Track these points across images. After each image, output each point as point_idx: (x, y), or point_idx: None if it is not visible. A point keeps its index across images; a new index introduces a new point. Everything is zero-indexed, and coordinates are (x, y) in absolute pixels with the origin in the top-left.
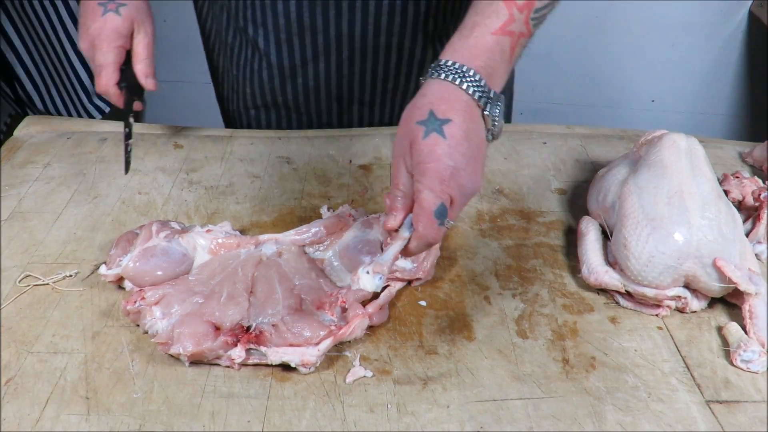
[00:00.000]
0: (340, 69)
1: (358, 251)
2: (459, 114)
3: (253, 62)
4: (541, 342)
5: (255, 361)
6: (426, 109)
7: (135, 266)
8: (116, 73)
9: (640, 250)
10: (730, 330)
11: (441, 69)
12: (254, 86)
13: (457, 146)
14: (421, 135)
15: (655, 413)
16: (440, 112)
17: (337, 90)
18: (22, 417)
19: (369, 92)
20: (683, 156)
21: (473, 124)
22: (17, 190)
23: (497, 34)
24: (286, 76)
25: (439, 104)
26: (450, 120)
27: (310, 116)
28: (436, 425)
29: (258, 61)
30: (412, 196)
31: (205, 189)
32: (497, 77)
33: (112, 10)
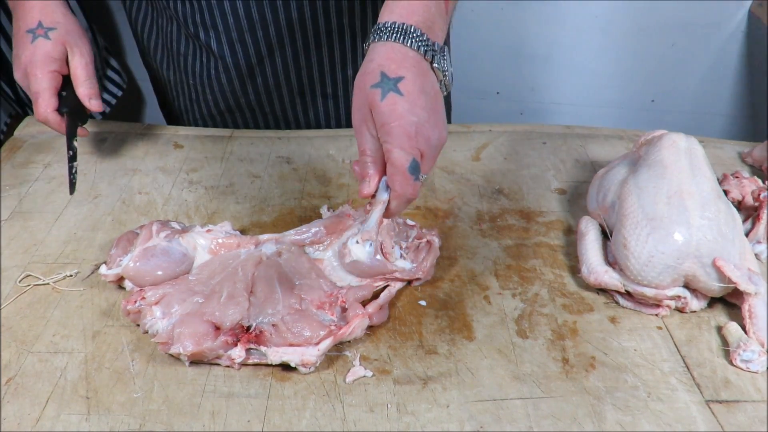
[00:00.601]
0: (297, 61)
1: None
2: (410, 70)
3: (209, 68)
4: (540, 342)
5: (255, 360)
6: (377, 72)
7: (135, 266)
8: (53, 98)
9: (639, 249)
10: (730, 330)
11: (382, 31)
12: (214, 92)
13: (415, 101)
14: (379, 97)
15: (655, 413)
16: (391, 72)
17: (298, 84)
18: (23, 416)
19: (330, 83)
20: (683, 156)
21: (425, 78)
22: (17, 190)
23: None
24: (245, 76)
25: (388, 64)
26: (402, 77)
27: (275, 115)
28: (436, 425)
29: (214, 65)
30: (381, 159)
31: (205, 189)
32: (437, 30)
33: (41, 35)
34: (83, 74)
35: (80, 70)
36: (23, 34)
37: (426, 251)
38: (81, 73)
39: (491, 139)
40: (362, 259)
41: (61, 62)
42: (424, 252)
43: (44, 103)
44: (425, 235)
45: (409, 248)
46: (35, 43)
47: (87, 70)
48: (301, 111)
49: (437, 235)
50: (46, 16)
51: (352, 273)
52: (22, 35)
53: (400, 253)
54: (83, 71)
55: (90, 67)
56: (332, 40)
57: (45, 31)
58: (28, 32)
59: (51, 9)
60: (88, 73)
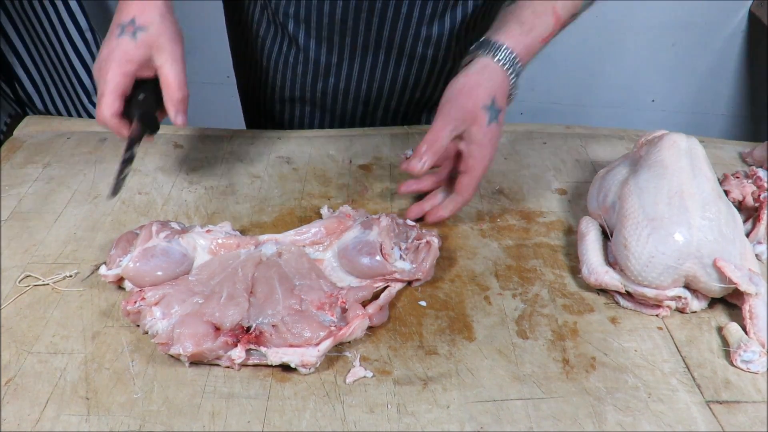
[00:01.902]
0: (374, 72)
1: (357, 252)
2: (504, 105)
3: (288, 55)
4: (541, 342)
5: (255, 361)
6: (489, 96)
7: (135, 266)
8: (116, 102)
9: (640, 250)
10: (730, 330)
11: (507, 57)
12: (285, 78)
13: (500, 133)
14: (486, 120)
15: (655, 413)
16: (499, 102)
17: (366, 93)
18: (22, 417)
19: (396, 99)
20: (683, 156)
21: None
22: (17, 190)
23: (542, 43)
24: (320, 73)
25: (498, 93)
26: (501, 110)
27: (334, 115)
28: (436, 425)
29: (294, 54)
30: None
31: (205, 189)
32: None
33: (128, 32)
34: (174, 83)
35: (172, 77)
36: (114, 27)
37: (426, 252)
38: (173, 81)
39: None
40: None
41: (140, 65)
42: (424, 252)
43: (105, 106)
44: (425, 235)
45: (409, 249)
46: (120, 39)
47: (178, 78)
48: (360, 117)
49: (437, 235)
50: (143, 13)
51: (351, 274)
52: (113, 28)
53: (400, 254)
54: (175, 79)
55: (182, 76)
56: (412, 65)
57: (134, 29)
58: (119, 26)
59: (150, 7)
60: (179, 82)
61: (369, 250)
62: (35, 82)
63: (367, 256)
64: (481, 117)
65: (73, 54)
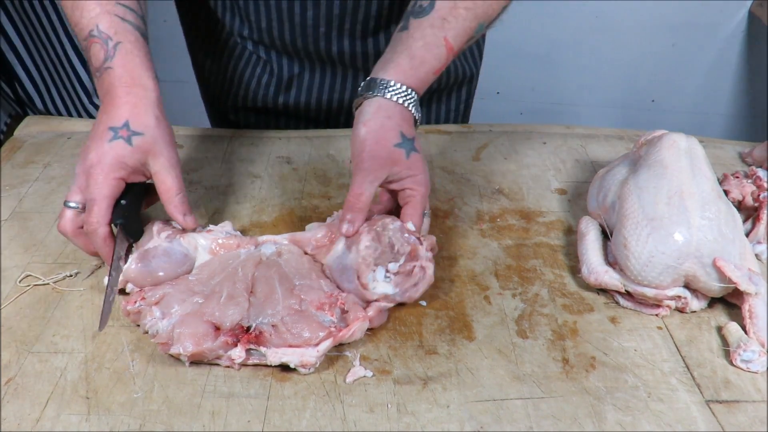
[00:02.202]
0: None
1: (339, 274)
2: (414, 132)
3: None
4: (541, 342)
5: (255, 361)
6: (397, 132)
7: (137, 268)
8: (110, 209)
9: (639, 250)
10: (730, 330)
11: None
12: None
13: (423, 157)
14: (404, 156)
15: (655, 413)
16: (408, 133)
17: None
18: (23, 417)
19: None
20: (683, 156)
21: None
22: (17, 190)
23: (435, 74)
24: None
25: (404, 126)
26: (413, 138)
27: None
28: (436, 425)
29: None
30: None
31: (205, 189)
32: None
33: (122, 137)
34: (174, 186)
35: (170, 182)
36: (104, 129)
37: (420, 277)
38: (172, 185)
39: (491, 139)
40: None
41: (134, 171)
42: (418, 278)
43: (100, 214)
44: (420, 253)
45: (400, 272)
46: (113, 143)
47: (177, 182)
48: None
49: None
50: (137, 117)
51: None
52: (102, 129)
53: (385, 275)
54: (173, 185)
55: (180, 180)
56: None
57: (129, 134)
58: (110, 129)
59: (144, 110)
60: (179, 186)
61: (348, 276)
62: (35, 82)
63: (346, 282)
64: (398, 155)
65: (74, 54)
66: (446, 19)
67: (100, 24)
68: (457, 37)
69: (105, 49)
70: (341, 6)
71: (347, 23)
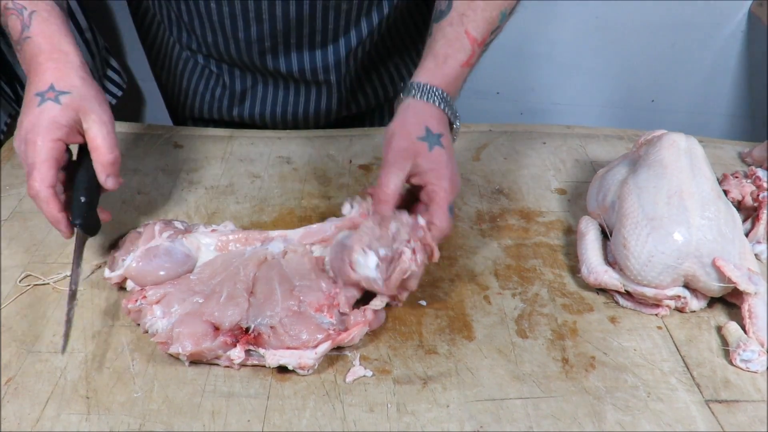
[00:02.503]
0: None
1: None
2: (445, 129)
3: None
4: (540, 342)
5: (254, 362)
6: (423, 126)
7: (138, 266)
8: (51, 171)
9: (639, 249)
10: (730, 329)
11: (424, 91)
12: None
13: (450, 154)
14: (426, 148)
15: (655, 413)
16: (434, 128)
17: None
18: (23, 416)
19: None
20: (683, 156)
21: (451, 136)
22: (17, 190)
23: (465, 67)
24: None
25: (430, 122)
26: (442, 134)
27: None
28: (436, 425)
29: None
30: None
31: (205, 189)
32: (455, 97)
33: (50, 98)
34: (104, 146)
35: (100, 140)
36: (31, 97)
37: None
38: (101, 144)
39: (491, 139)
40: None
41: (70, 130)
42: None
43: (39, 176)
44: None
45: (385, 259)
46: (42, 107)
47: (108, 140)
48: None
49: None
50: (61, 79)
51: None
52: (30, 98)
53: (377, 263)
54: (104, 142)
55: (112, 137)
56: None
57: (56, 94)
58: (37, 95)
59: (67, 71)
60: (109, 145)
61: (344, 255)
62: None
63: (340, 261)
64: (420, 147)
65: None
66: (465, 14)
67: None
68: (478, 28)
69: (21, 18)
70: (285, 22)
71: (293, 38)
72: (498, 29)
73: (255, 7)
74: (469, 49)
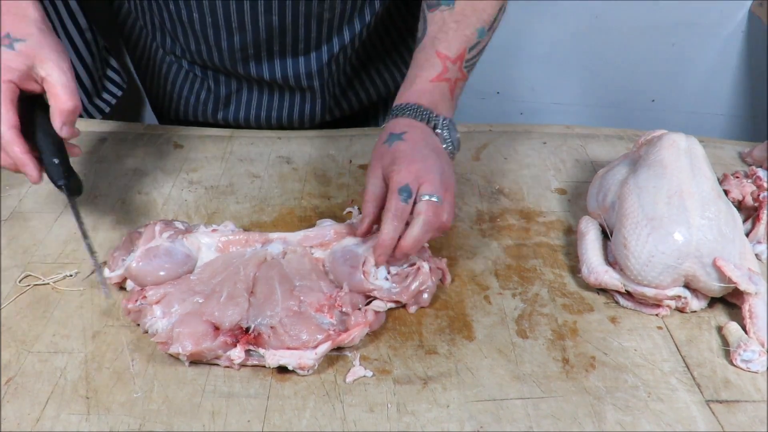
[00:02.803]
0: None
1: (343, 261)
2: (412, 128)
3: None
4: (540, 342)
5: (254, 362)
6: (386, 134)
7: (138, 266)
8: (10, 113)
9: (639, 249)
10: (730, 330)
11: (394, 111)
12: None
13: (415, 144)
14: (387, 146)
15: (655, 413)
16: (396, 130)
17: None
18: (22, 416)
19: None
20: (683, 156)
21: (426, 134)
22: (17, 190)
23: (435, 81)
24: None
25: (394, 127)
26: (405, 132)
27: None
28: (436, 425)
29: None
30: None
31: (205, 189)
32: (441, 109)
33: (5, 45)
34: (63, 93)
35: (59, 87)
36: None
37: (413, 276)
38: (60, 91)
39: (491, 139)
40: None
41: (23, 75)
42: (411, 277)
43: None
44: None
45: (399, 274)
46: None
47: (67, 88)
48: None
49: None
50: (17, 27)
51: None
52: None
53: (386, 276)
54: (63, 89)
55: (71, 85)
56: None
57: (11, 42)
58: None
59: (26, 24)
60: (68, 91)
61: (353, 262)
62: None
63: (348, 267)
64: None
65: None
66: (436, 37)
67: None
68: (450, 48)
69: None
70: (267, 31)
71: (275, 45)
72: (479, 44)
73: (238, 17)
74: (440, 65)
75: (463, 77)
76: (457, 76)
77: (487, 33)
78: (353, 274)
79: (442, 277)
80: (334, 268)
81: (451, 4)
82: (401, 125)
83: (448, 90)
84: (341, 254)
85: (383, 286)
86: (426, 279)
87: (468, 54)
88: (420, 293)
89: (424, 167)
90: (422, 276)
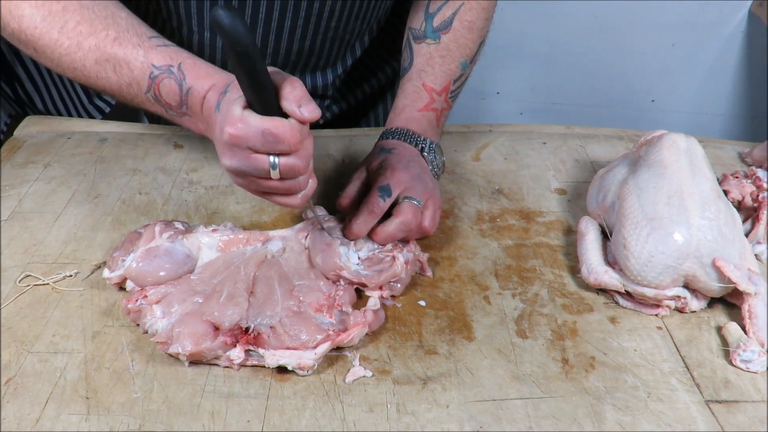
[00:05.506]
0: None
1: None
2: (400, 146)
3: None
4: (540, 342)
5: (254, 362)
6: (377, 148)
7: (138, 266)
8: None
9: (639, 250)
10: (730, 330)
11: (385, 134)
12: None
13: (401, 158)
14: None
15: (655, 413)
16: (387, 146)
17: None
18: (22, 417)
19: None
20: (683, 156)
21: (414, 154)
22: (17, 190)
23: (422, 111)
24: None
25: (384, 144)
26: (395, 148)
27: None
28: (436, 425)
29: None
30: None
31: (205, 189)
32: (429, 135)
33: (219, 96)
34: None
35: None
36: (217, 104)
37: (388, 267)
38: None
39: (491, 139)
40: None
41: None
42: (385, 266)
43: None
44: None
45: (371, 259)
46: (243, 114)
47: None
48: None
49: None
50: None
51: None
52: (218, 106)
53: (357, 257)
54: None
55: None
56: None
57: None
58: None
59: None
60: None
61: (327, 239)
62: (35, 82)
63: (323, 244)
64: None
65: None
66: (423, 70)
67: (154, 62)
68: (436, 81)
69: (174, 76)
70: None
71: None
72: (462, 76)
73: (261, 43)
74: (427, 97)
75: (448, 107)
76: (442, 106)
77: (470, 65)
78: (326, 251)
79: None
80: (313, 247)
81: (437, 39)
82: (392, 143)
83: (435, 118)
84: (320, 234)
85: (352, 267)
86: (399, 272)
87: (452, 86)
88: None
89: (409, 176)
90: (395, 268)
